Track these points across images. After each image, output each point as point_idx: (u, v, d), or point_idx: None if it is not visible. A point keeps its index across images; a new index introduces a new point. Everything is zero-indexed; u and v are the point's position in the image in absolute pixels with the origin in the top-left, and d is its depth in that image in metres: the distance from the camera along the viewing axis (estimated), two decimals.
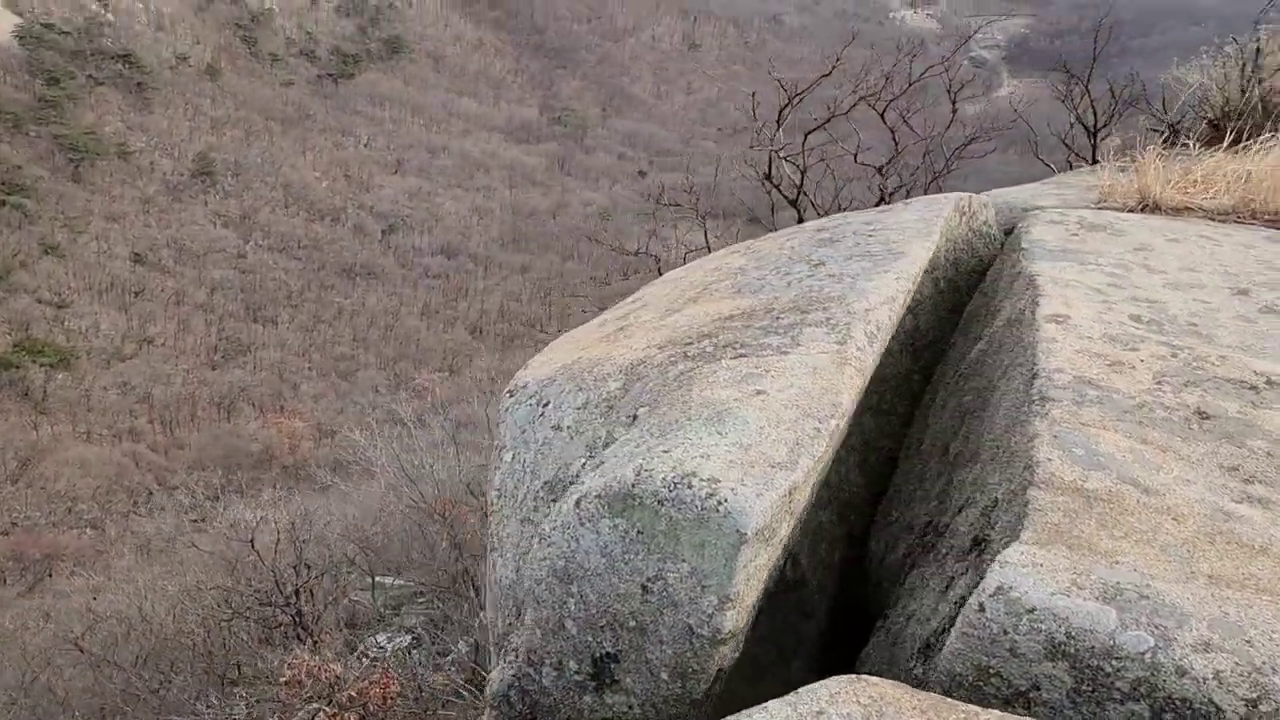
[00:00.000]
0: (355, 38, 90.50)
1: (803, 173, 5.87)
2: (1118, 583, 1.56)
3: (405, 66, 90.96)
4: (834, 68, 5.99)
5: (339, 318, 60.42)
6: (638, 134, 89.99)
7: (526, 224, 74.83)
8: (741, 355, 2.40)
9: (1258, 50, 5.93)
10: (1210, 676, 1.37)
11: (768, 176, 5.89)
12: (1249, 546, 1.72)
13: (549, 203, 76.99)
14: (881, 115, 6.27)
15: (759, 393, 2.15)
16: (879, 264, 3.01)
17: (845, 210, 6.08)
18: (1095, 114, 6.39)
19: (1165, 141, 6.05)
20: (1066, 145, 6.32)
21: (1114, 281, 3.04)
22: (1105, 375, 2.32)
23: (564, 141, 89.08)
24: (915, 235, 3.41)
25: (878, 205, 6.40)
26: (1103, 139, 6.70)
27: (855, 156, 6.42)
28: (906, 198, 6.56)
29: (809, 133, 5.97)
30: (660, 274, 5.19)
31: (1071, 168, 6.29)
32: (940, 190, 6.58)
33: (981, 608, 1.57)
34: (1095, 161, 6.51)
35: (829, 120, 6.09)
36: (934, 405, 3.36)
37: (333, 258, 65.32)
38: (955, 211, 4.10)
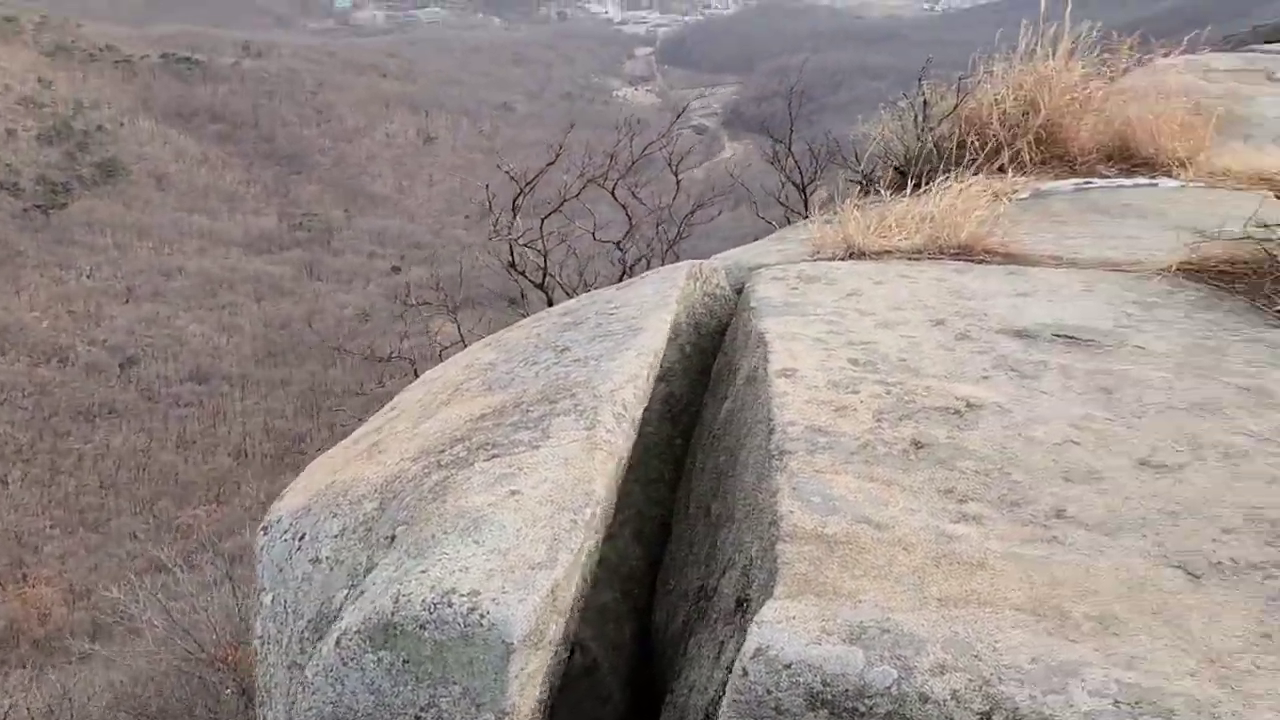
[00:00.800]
0: (63, 165, 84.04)
1: (544, 256, 6.02)
2: (861, 622, 1.66)
3: (125, 189, 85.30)
4: (557, 156, 6.25)
5: (80, 465, 54.89)
6: (386, 230, 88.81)
7: (281, 336, 71.53)
8: (495, 456, 2.39)
9: (924, 102, 6.70)
10: (949, 697, 1.48)
11: (512, 265, 5.99)
12: (969, 563, 1.88)
13: (302, 310, 74.05)
14: (612, 192, 6.55)
15: (514, 493, 2.14)
16: (620, 343, 3.10)
17: (592, 287, 6.23)
18: (801, 171, 6.97)
19: (863, 191, 6.68)
20: (781, 203, 6.83)
21: (832, 329, 3.29)
22: (833, 421, 2.49)
23: (309, 247, 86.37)
24: (653, 308, 3.56)
25: (621, 278, 6.63)
26: (812, 193, 7.29)
27: (594, 234, 6.66)
28: (648, 268, 6.83)
29: (544, 218, 6.15)
30: (417, 375, 5.10)
31: (790, 223, 6.79)
32: (678, 256, 6.92)
33: (745, 671, 1.62)
34: (809, 215, 7.08)
35: (561, 205, 6.31)
36: (694, 468, 3.48)
37: (65, 401, 59.49)
38: (689, 279, 4.30)
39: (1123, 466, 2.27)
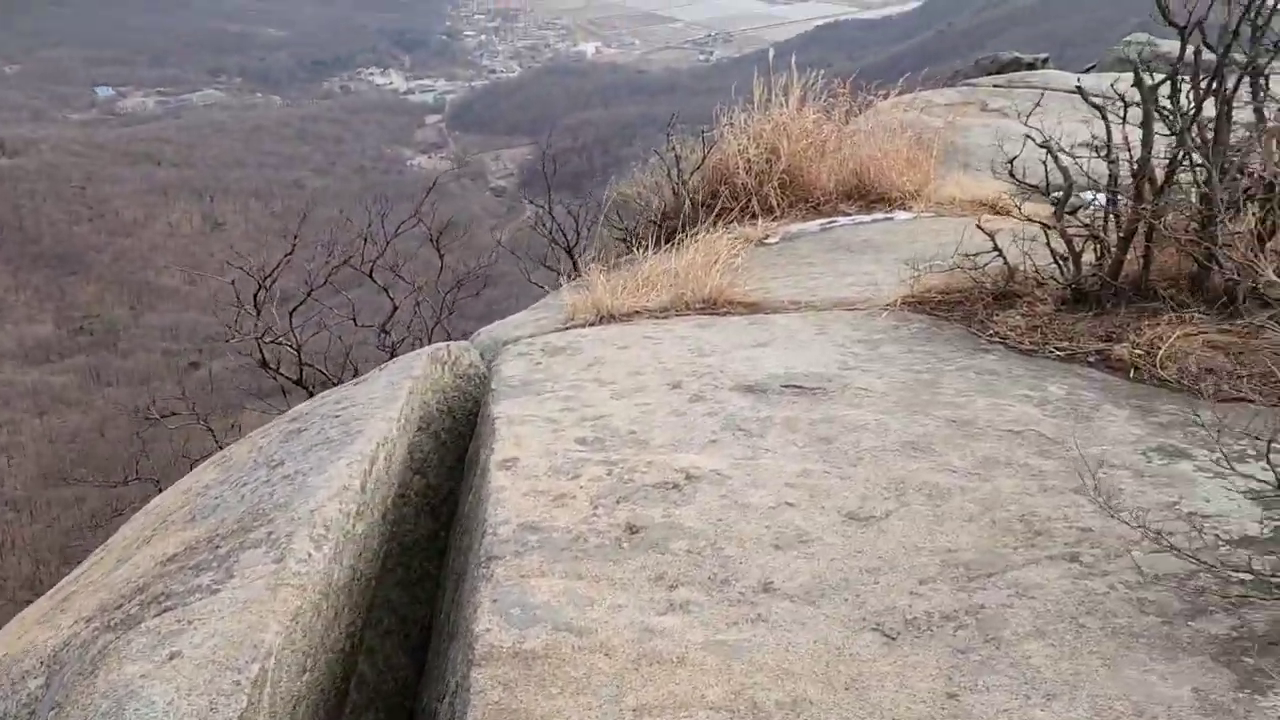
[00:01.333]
0: None
1: (298, 350, 5.67)
2: None
3: None
4: (293, 248, 5.93)
5: None
6: (179, 325, 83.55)
7: (70, 451, 65.70)
8: (167, 609, 2.11)
9: (676, 156, 6.83)
10: None
11: (263, 363, 5.61)
12: (669, 661, 1.77)
13: (92, 420, 68.32)
14: (369, 274, 6.30)
15: (173, 656, 1.88)
16: (336, 451, 2.88)
17: (362, 372, 5.95)
18: (565, 234, 6.95)
19: (627, 247, 6.72)
20: (549, 267, 6.77)
21: (567, 406, 3.18)
22: (548, 514, 2.36)
23: (94, 351, 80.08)
24: (381, 405, 3.35)
25: (391, 359, 6.37)
26: (582, 254, 7.27)
27: (354, 320, 6.38)
28: (414, 349, 6.58)
29: (291, 311, 5.81)
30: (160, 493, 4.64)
31: (562, 286, 6.73)
32: (448, 334, 6.72)
33: None
34: (577, 277, 7.06)
35: (308, 295, 5.99)
36: (447, 567, 3.28)
37: None
38: (433, 363, 4.12)
39: (832, 524, 2.24)
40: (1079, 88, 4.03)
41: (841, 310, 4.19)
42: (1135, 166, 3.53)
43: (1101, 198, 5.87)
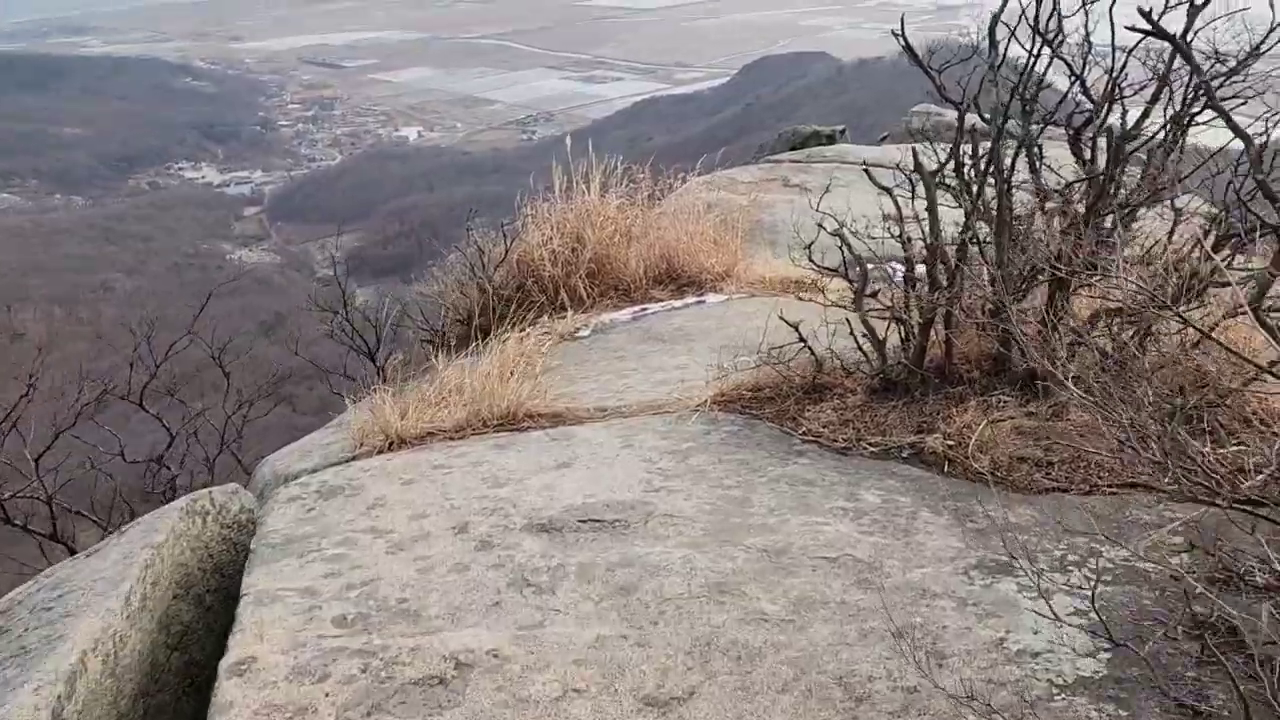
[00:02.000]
0: None
1: (49, 502, 4.90)
2: None
3: None
4: (30, 387, 5.19)
5: None
6: None
7: None
8: None
9: (480, 251, 6.49)
10: None
11: (4, 517, 4.81)
12: None
13: None
14: (139, 403, 5.61)
15: None
16: (27, 668, 2.32)
17: (140, 514, 5.24)
18: (366, 341, 6.47)
19: (434, 350, 6.29)
20: (347, 376, 6.26)
21: (333, 570, 2.73)
22: None
23: None
24: (107, 587, 2.79)
25: (165, 498, 5.66)
26: (387, 358, 6.79)
27: (123, 455, 5.66)
28: (193, 486, 5.90)
29: (38, 457, 5.01)
30: None
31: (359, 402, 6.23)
32: (240, 460, 6.08)
33: None
34: (384, 385, 6.56)
35: (56, 438, 5.23)
36: None
37: None
38: (190, 517, 3.56)
39: (626, 714, 1.88)
40: (866, 170, 3.96)
41: (651, 415, 3.90)
42: (926, 251, 3.43)
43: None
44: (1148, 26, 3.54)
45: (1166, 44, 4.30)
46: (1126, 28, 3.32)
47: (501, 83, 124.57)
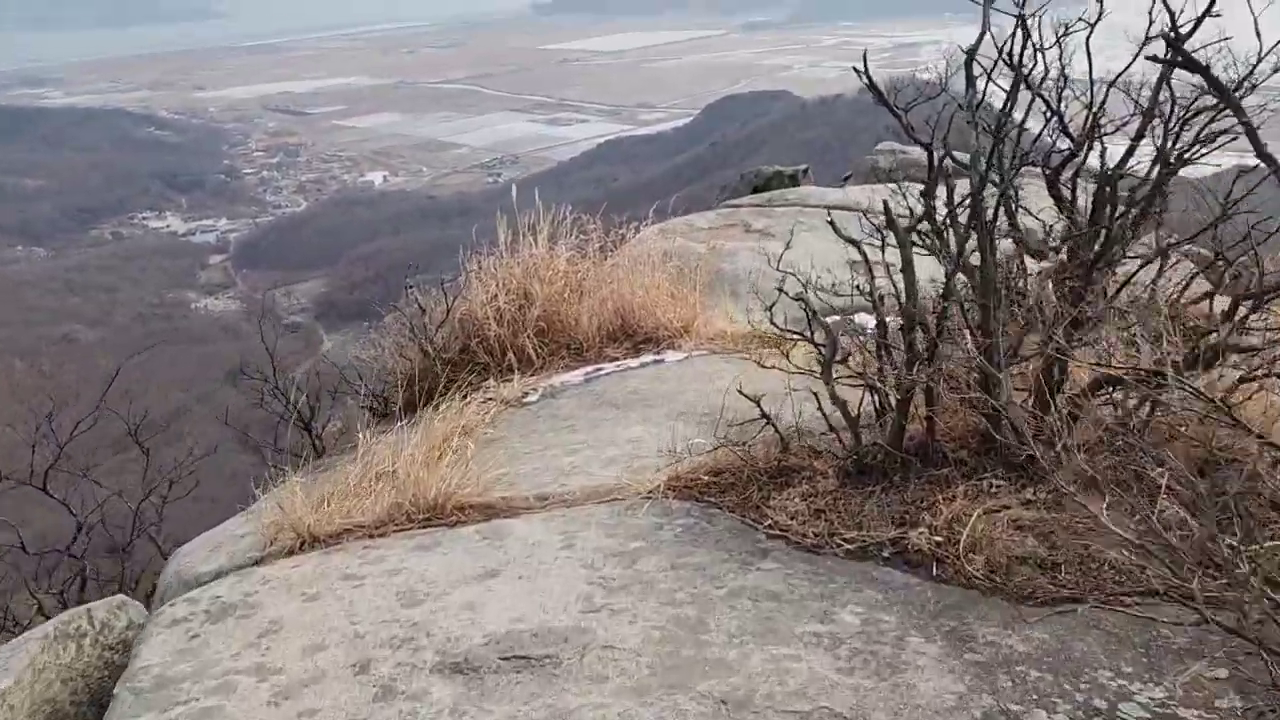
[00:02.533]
0: None
1: None
2: None
3: None
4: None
5: None
6: None
7: None
8: None
9: (423, 310, 6.04)
10: None
11: None
12: None
13: None
14: (42, 487, 5.06)
15: None
16: None
17: (30, 626, 4.73)
18: (301, 412, 5.97)
19: (376, 418, 5.81)
20: (278, 450, 5.75)
21: None
22: None
23: None
24: None
25: (79, 600, 5.10)
26: (324, 427, 6.29)
27: (23, 546, 5.10)
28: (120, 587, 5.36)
29: None
30: None
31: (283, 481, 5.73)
32: (159, 546, 5.52)
33: None
34: (320, 454, 6.06)
35: None
36: None
37: None
38: (60, 643, 3.08)
39: None
40: (830, 221, 3.55)
41: (597, 504, 3.44)
42: (901, 318, 3.02)
43: (871, 323, 5.49)
44: (1167, 55, 3.20)
45: (1149, 76, 3.99)
46: (1149, 58, 2.95)
47: (467, 126, 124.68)
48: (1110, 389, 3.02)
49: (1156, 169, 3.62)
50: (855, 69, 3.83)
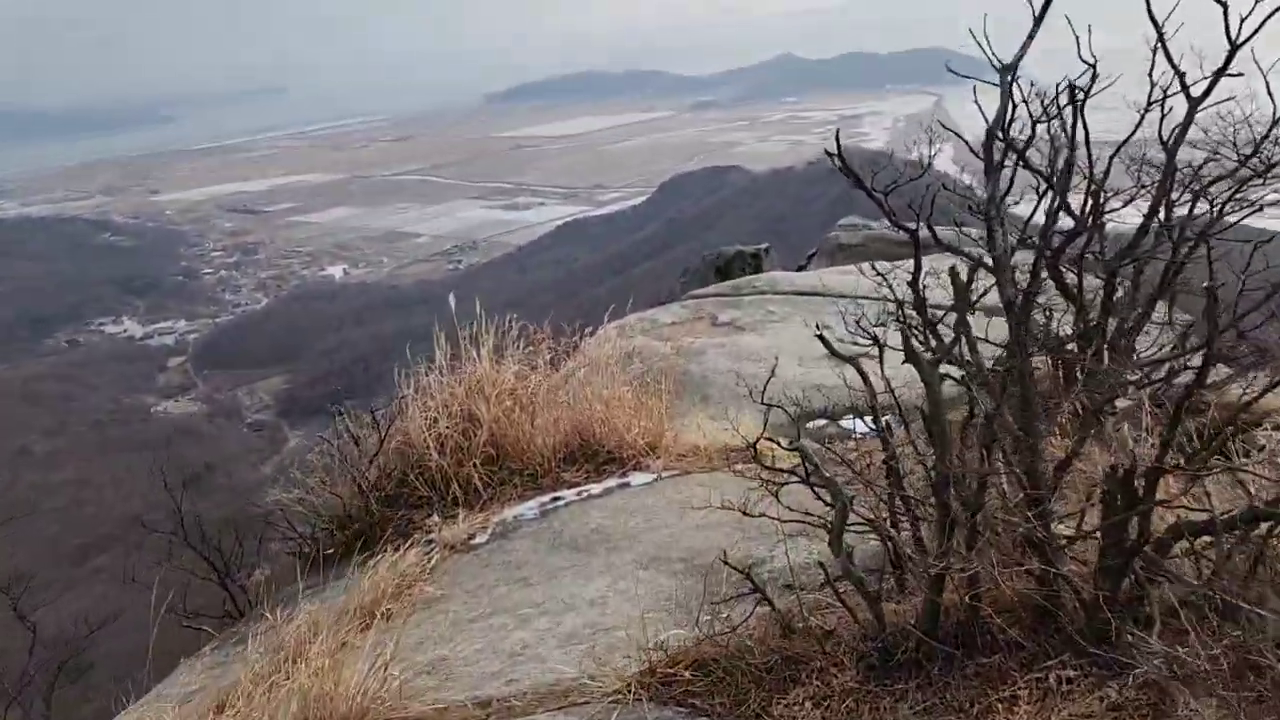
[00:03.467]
0: None
1: None
2: None
3: None
4: None
5: None
6: None
7: None
8: None
9: (355, 439, 5.33)
10: None
11: None
12: None
13: None
14: None
15: None
16: None
17: None
18: (211, 564, 5.18)
19: (306, 566, 5.04)
20: (191, 615, 4.94)
21: None
22: None
23: None
24: None
25: None
26: (249, 576, 5.50)
27: None
28: None
29: None
30: None
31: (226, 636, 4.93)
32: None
33: None
34: (241, 614, 5.25)
35: None
36: None
37: None
38: None
39: None
40: (821, 336, 2.92)
41: (550, 712, 2.71)
42: (933, 491, 2.36)
43: (862, 428, 4.85)
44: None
45: (1158, 147, 3.49)
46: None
47: (425, 216, 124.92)
48: (1193, 537, 2.37)
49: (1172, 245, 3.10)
50: (828, 152, 3.28)
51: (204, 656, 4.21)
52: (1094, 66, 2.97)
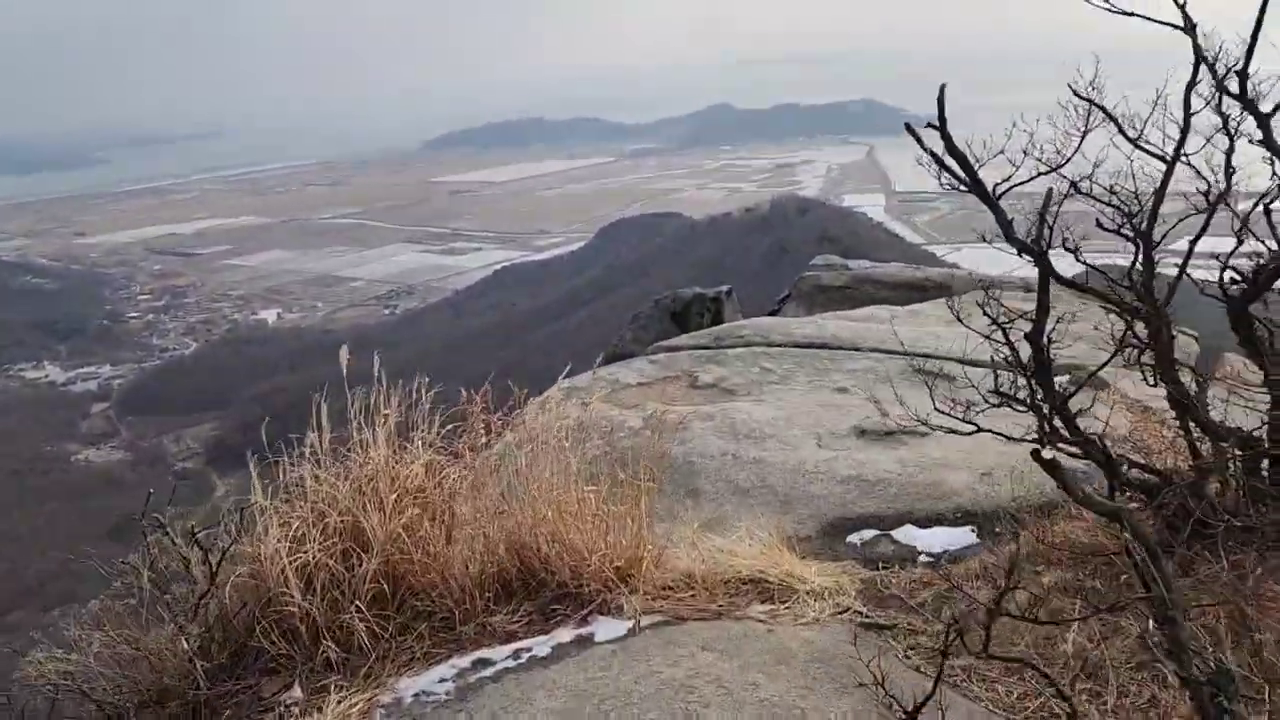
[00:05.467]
0: None
1: None
2: None
3: None
4: None
5: None
6: None
7: None
8: None
9: (186, 564, 3.62)
10: None
11: None
12: None
13: None
14: None
15: None
16: None
17: None
18: None
19: None
20: None
21: None
22: None
23: None
24: None
25: None
26: None
27: None
28: None
29: None
30: None
31: None
32: None
33: None
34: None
35: None
36: None
37: None
38: None
39: None
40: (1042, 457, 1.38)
41: None
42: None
43: (937, 543, 3.36)
44: None
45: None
46: None
47: (360, 260, 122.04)
48: None
49: None
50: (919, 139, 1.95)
51: None
52: None
